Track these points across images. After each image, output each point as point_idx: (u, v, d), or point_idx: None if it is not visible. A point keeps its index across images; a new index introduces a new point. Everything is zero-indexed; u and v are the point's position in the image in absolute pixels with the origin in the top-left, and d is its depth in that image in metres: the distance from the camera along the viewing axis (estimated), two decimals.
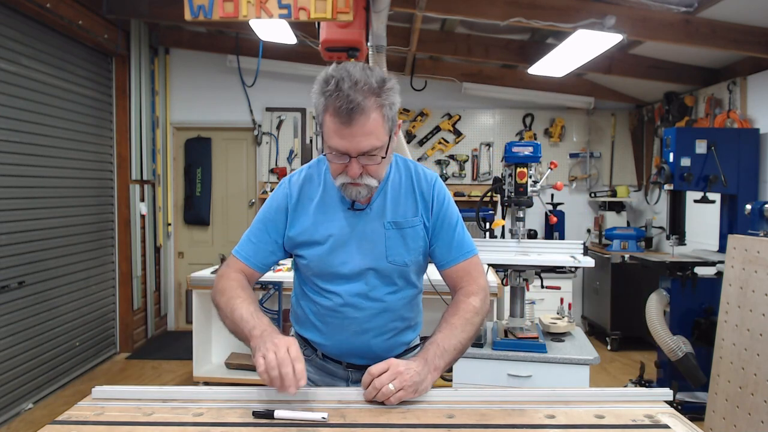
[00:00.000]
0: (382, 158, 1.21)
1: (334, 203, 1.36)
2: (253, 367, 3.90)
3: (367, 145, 1.17)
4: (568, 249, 2.54)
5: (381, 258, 1.33)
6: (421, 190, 1.38)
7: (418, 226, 1.36)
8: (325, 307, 1.38)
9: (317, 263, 1.35)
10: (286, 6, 2.58)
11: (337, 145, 1.18)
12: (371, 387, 1.11)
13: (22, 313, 3.60)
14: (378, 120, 1.17)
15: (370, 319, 1.36)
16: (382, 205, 1.35)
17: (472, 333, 1.29)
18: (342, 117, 1.14)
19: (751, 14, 3.44)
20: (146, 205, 5.15)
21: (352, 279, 1.34)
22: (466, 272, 1.38)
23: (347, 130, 1.15)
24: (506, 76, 5.38)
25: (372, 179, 1.24)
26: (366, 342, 1.38)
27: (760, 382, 2.40)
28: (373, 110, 1.16)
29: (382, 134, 1.19)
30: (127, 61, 4.84)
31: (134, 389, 1.19)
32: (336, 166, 1.23)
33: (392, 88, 1.20)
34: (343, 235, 1.34)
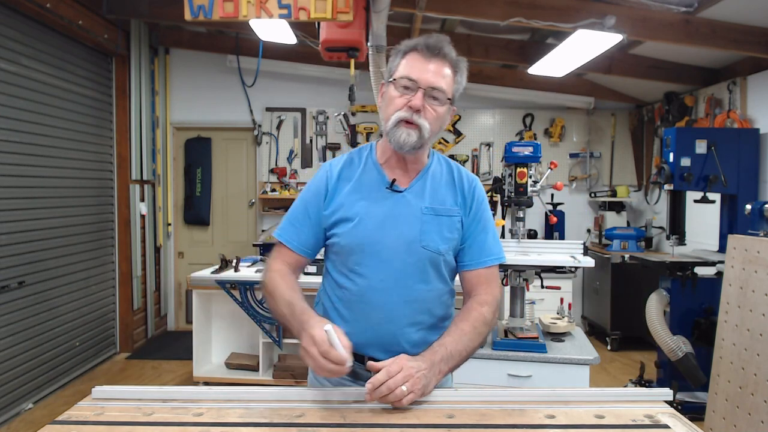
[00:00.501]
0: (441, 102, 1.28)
1: (372, 183, 1.37)
2: (253, 367, 3.88)
3: (438, 82, 1.27)
4: (568, 249, 2.54)
5: (415, 242, 1.32)
6: (462, 186, 1.40)
7: (455, 217, 1.36)
8: (352, 291, 1.35)
9: (349, 240, 1.33)
10: (286, 6, 2.58)
11: (412, 73, 1.27)
12: (384, 386, 1.09)
13: (22, 313, 3.60)
14: (451, 75, 1.30)
15: (397, 307, 1.33)
16: (422, 189, 1.36)
17: (478, 343, 1.29)
18: (425, 52, 1.27)
19: (751, 14, 3.44)
20: (146, 205, 5.15)
21: (383, 261, 1.32)
22: (486, 280, 1.38)
23: (426, 63, 1.27)
24: (506, 76, 5.37)
25: (426, 122, 1.28)
26: (391, 332, 1.33)
27: (760, 382, 2.40)
28: (449, 65, 1.30)
29: (449, 88, 1.30)
30: (127, 61, 4.84)
31: (134, 389, 1.19)
32: (399, 101, 1.28)
33: (464, 68, 1.34)
34: (378, 214, 1.33)
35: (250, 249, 5.34)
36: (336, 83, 5.46)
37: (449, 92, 1.30)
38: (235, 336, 4.18)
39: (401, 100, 1.28)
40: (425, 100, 1.27)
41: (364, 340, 1.36)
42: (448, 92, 1.29)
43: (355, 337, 1.35)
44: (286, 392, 1.18)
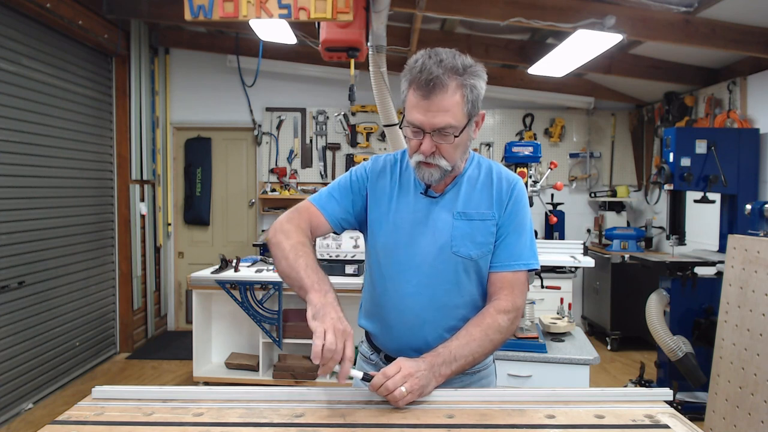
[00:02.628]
0: (455, 137, 1.22)
1: (408, 188, 1.36)
2: (253, 367, 3.88)
3: (441, 122, 1.20)
4: (568, 249, 2.54)
5: (446, 248, 1.31)
6: (499, 188, 1.35)
7: (489, 221, 1.32)
8: (385, 296, 1.35)
9: (383, 245, 1.35)
10: (286, 6, 2.58)
11: (414, 119, 1.21)
12: (383, 387, 1.10)
13: (22, 313, 3.60)
14: (457, 99, 1.20)
15: (428, 313, 1.31)
16: (455, 195, 1.34)
17: (488, 350, 1.27)
18: (422, 90, 1.19)
19: (751, 14, 3.44)
20: (146, 205, 5.15)
21: (414, 267, 1.32)
22: (510, 285, 1.33)
23: (425, 103, 1.19)
24: (506, 76, 5.37)
25: (444, 161, 1.24)
26: (423, 338, 1.32)
27: (760, 382, 2.40)
28: (452, 88, 1.19)
29: (459, 114, 1.21)
30: (127, 61, 4.84)
31: (134, 389, 1.19)
32: (412, 143, 1.26)
33: (477, 73, 1.22)
34: (411, 219, 1.33)
35: (250, 249, 5.34)
36: (336, 83, 5.45)
37: (458, 121, 1.21)
38: (235, 336, 4.18)
39: (414, 142, 1.25)
40: (435, 139, 1.22)
41: (398, 345, 1.36)
42: (457, 122, 1.21)
43: (390, 341, 1.38)
44: (286, 392, 1.18)
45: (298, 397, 1.15)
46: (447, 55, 1.20)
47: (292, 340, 3.85)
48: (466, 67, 1.21)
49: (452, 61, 1.19)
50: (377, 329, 1.41)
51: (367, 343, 1.48)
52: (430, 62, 1.18)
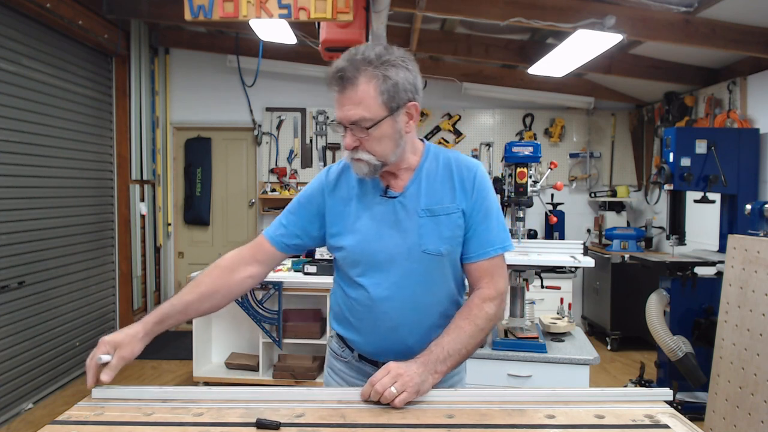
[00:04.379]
0: (370, 130, 1.20)
1: (368, 192, 1.34)
2: (253, 367, 3.88)
3: (354, 115, 1.19)
4: (568, 249, 2.54)
5: (415, 247, 1.29)
6: (461, 177, 1.33)
7: (454, 214, 1.30)
8: (358, 301, 1.33)
9: (349, 253, 1.33)
10: (286, 6, 2.58)
11: (336, 115, 1.23)
12: (373, 391, 1.10)
13: (22, 313, 3.60)
14: (368, 91, 1.18)
15: (405, 315, 1.30)
16: (417, 192, 1.32)
17: (479, 339, 1.27)
18: (335, 86, 1.20)
19: (751, 14, 3.44)
20: (146, 205, 5.15)
21: (385, 269, 1.30)
22: (488, 273, 1.33)
23: (339, 98, 1.21)
24: (506, 76, 5.38)
25: (368, 154, 1.23)
26: (401, 339, 1.32)
27: (760, 382, 2.40)
28: (363, 81, 1.18)
29: (373, 106, 1.19)
30: (127, 61, 4.84)
31: (134, 389, 1.19)
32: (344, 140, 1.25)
33: (393, 62, 1.20)
34: (376, 223, 1.31)
35: None
36: None
37: (373, 113, 1.19)
38: (235, 336, 4.18)
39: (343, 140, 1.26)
40: (356, 133, 1.22)
41: (376, 349, 1.36)
42: (372, 114, 1.19)
43: (367, 345, 1.37)
44: (286, 392, 1.18)
45: (298, 397, 1.15)
46: (364, 49, 1.21)
47: (292, 340, 3.84)
48: (381, 56, 1.18)
49: (367, 54, 1.18)
50: (352, 336, 1.38)
51: (338, 340, 1.45)
52: (343, 58, 1.20)
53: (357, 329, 1.36)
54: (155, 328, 1.25)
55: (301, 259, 3.92)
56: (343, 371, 1.45)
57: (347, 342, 1.42)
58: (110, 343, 1.18)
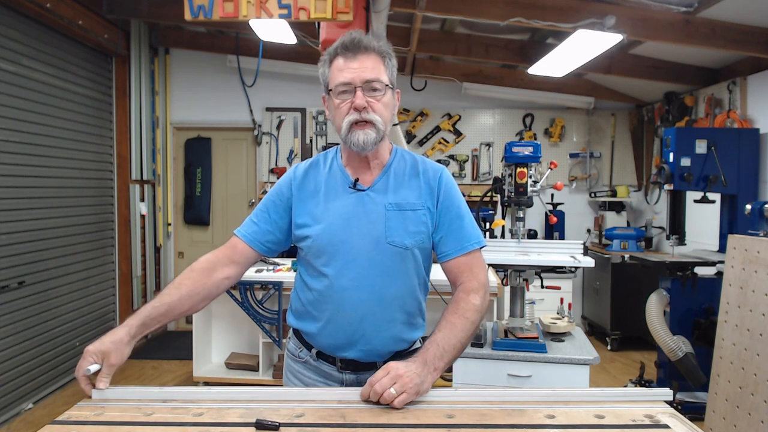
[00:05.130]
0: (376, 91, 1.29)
1: (336, 185, 1.38)
2: (253, 367, 3.87)
3: (370, 75, 1.28)
4: (568, 249, 2.54)
5: (381, 239, 1.32)
6: (426, 178, 1.39)
7: (420, 211, 1.35)
8: (321, 292, 1.35)
9: (316, 242, 1.35)
10: (286, 6, 2.58)
11: (343, 78, 1.28)
12: (372, 392, 1.11)
13: (22, 313, 3.60)
14: (379, 63, 1.31)
15: (368, 305, 1.33)
16: (384, 187, 1.37)
17: (471, 331, 1.29)
18: (349, 52, 1.29)
19: (751, 14, 3.44)
20: (146, 205, 5.15)
21: (350, 259, 1.33)
22: (468, 267, 1.36)
23: (353, 63, 1.28)
24: (506, 76, 5.37)
25: (376, 116, 1.29)
26: (362, 331, 1.34)
27: (760, 382, 2.40)
28: (375, 53, 1.31)
29: (383, 74, 1.31)
30: (127, 61, 4.84)
31: (134, 389, 1.19)
32: (343, 106, 1.30)
33: (391, 52, 1.35)
34: (344, 214, 1.34)
35: None
36: None
37: (386, 79, 1.31)
38: (235, 336, 4.18)
39: (345, 105, 1.29)
40: (366, 95, 1.28)
41: (337, 341, 1.37)
42: (385, 79, 1.31)
43: (327, 338, 1.38)
44: (286, 392, 1.18)
45: (298, 397, 1.15)
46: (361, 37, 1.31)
47: None
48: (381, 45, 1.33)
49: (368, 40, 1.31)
50: (311, 327, 1.40)
51: (296, 340, 1.47)
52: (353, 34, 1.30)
53: (317, 321, 1.38)
54: (139, 330, 1.25)
55: None
56: (301, 372, 1.46)
57: (305, 340, 1.44)
58: (96, 353, 1.19)
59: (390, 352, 1.37)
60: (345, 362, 1.39)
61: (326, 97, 1.37)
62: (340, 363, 1.39)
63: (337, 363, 1.39)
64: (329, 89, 1.33)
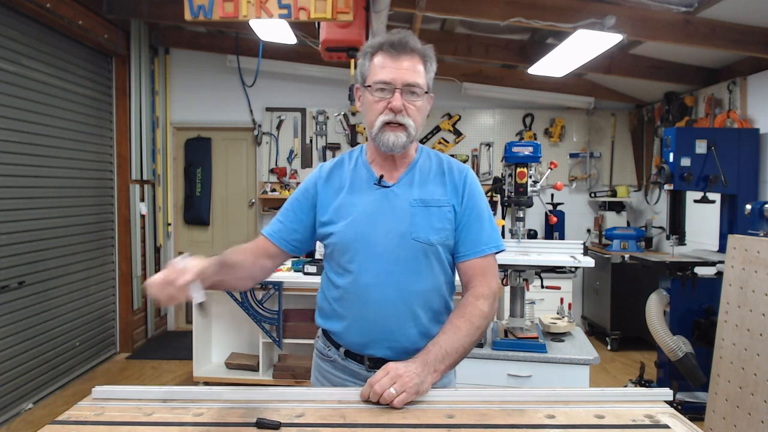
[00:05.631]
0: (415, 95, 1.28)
1: (361, 182, 1.38)
2: (253, 367, 3.87)
3: (412, 78, 1.28)
4: (568, 249, 2.54)
5: (406, 235, 1.31)
6: (452, 177, 1.39)
7: (445, 207, 1.35)
8: (347, 289, 1.34)
9: (341, 238, 1.34)
10: (286, 6, 2.58)
11: (384, 77, 1.28)
12: (372, 392, 1.11)
13: (22, 313, 3.60)
14: (421, 65, 1.31)
15: (393, 302, 1.31)
16: (410, 183, 1.37)
17: (476, 337, 1.28)
18: (393, 50, 1.28)
19: (751, 14, 3.44)
20: (146, 205, 5.15)
21: (376, 257, 1.32)
22: (482, 271, 1.36)
23: (395, 62, 1.28)
24: (506, 76, 5.38)
25: (410, 120, 1.29)
26: (389, 328, 1.32)
27: (760, 382, 2.40)
28: (418, 56, 1.31)
29: (423, 79, 1.31)
30: (127, 61, 4.84)
31: (134, 389, 1.19)
32: (378, 105, 1.29)
33: (433, 57, 1.35)
34: (368, 210, 1.34)
35: None
36: (336, 83, 5.45)
37: (424, 84, 1.30)
38: (235, 336, 4.18)
39: (381, 104, 1.29)
40: (404, 98, 1.28)
41: (364, 339, 1.35)
42: (424, 85, 1.30)
43: (354, 336, 1.36)
44: (286, 392, 1.18)
45: (298, 397, 1.15)
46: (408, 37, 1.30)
47: (292, 340, 3.84)
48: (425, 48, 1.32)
49: (414, 42, 1.31)
50: (338, 326, 1.39)
51: (324, 339, 1.47)
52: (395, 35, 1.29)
53: (343, 319, 1.37)
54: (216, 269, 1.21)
55: (301, 259, 3.92)
56: (329, 371, 1.45)
57: (333, 338, 1.42)
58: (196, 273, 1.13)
59: (418, 349, 1.28)
60: (373, 360, 1.36)
61: (360, 89, 1.36)
62: (369, 361, 1.37)
63: (366, 361, 1.37)
64: (366, 84, 1.32)
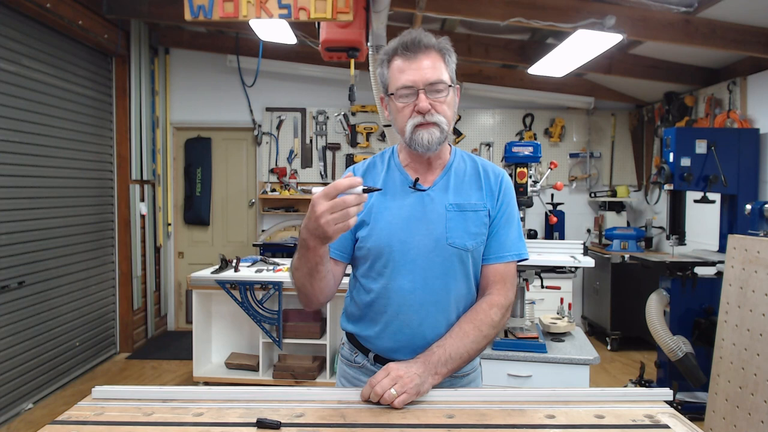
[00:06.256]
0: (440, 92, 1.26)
1: (395, 185, 1.35)
2: (253, 367, 3.86)
3: (433, 76, 1.25)
4: (568, 249, 2.54)
5: (441, 240, 1.29)
6: (488, 180, 1.37)
7: (481, 212, 1.33)
8: (380, 294, 1.31)
9: (375, 243, 1.31)
10: (286, 6, 2.58)
11: (405, 81, 1.26)
12: (373, 393, 1.10)
13: (22, 313, 3.60)
14: (440, 60, 1.28)
15: (427, 307, 1.29)
16: (445, 187, 1.34)
17: (482, 345, 1.27)
18: (409, 52, 1.26)
19: (751, 14, 3.44)
20: (146, 205, 5.15)
21: (410, 262, 1.29)
22: (502, 279, 1.34)
23: (414, 64, 1.26)
24: (506, 76, 5.37)
25: (441, 117, 1.27)
26: (422, 334, 1.29)
27: (760, 382, 2.40)
28: (435, 51, 1.28)
29: (444, 73, 1.28)
30: (127, 61, 4.84)
31: (134, 389, 1.18)
32: (405, 110, 1.27)
33: (451, 48, 1.33)
34: (404, 214, 1.31)
35: (250, 249, 5.34)
36: (336, 83, 5.45)
37: (447, 78, 1.28)
38: (235, 336, 4.18)
39: (408, 108, 1.26)
40: (429, 97, 1.25)
41: (395, 344, 1.32)
42: (446, 79, 1.28)
43: (386, 341, 1.33)
44: (286, 392, 1.18)
45: (298, 397, 1.15)
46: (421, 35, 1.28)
47: (292, 340, 3.85)
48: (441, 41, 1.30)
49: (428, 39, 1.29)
50: (368, 331, 1.36)
51: (350, 344, 1.43)
52: (413, 32, 1.27)
53: (375, 324, 1.33)
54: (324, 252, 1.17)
55: None
56: (357, 378, 1.41)
57: (361, 344, 1.39)
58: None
59: None
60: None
61: (385, 99, 1.34)
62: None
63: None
64: (389, 92, 1.30)
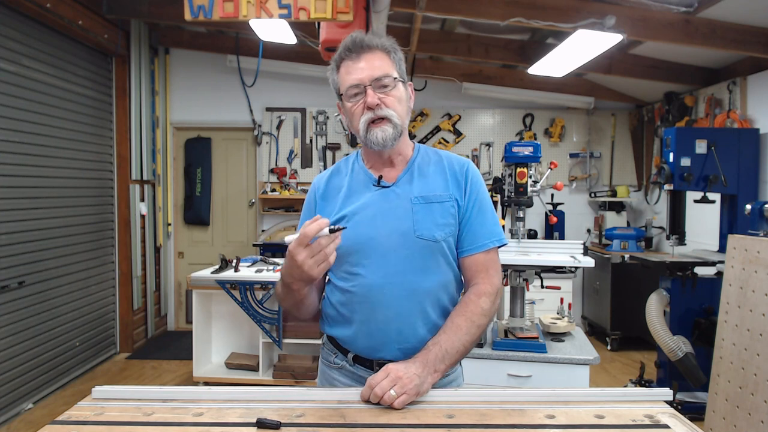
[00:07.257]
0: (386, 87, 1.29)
1: (360, 185, 1.38)
2: (253, 366, 3.87)
3: (378, 71, 1.28)
4: (568, 249, 2.54)
5: (409, 233, 1.30)
6: (453, 171, 1.38)
7: (447, 203, 1.34)
8: (353, 292, 1.32)
9: (345, 242, 1.29)
10: (286, 6, 2.58)
11: (352, 80, 1.29)
12: (372, 395, 1.10)
13: (22, 313, 3.60)
14: (385, 59, 1.31)
15: (401, 302, 1.29)
16: (409, 181, 1.36)
17: (476, 335, 1.27)
18: (353, 53, 1.30)
19: (751, 14, 3.44)
20: (146, 205, 5.15)
21: (381, 257, 1.30)
22: (484, 267, 1.35)
23: (359, 64, 1.29)
24: (506, 76, 5.38)
25: (391, 111, 1.29)
26: (398, 329, 1.30)
27: (760, 382, 2.40)
28: (380, 49, 1.31)
29: (391, 69, 1.31)
30: (127, 61, 4.84)
31: (134, 389, 1.18)
32: (357, 108, 1.30)
33: (396, 46, 1.35)
34: (370, 211, 1.33)
35: (250, 249, 5.34)
36: None
37: (394, 73, 1.31)
38: (235, 336, 4.18)
39: (359, 107, 1.30)
40: (377, 92, 1.28)
41: (374, 342, 1.33)
42: (393, 73, 1.30)
43: (364, 339, 1.34)
44: (286, 392, 1.18)
45: (298, 397, 1.15)
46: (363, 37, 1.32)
47: (292, 340, 3.85)
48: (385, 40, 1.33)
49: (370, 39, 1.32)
50: (346, 332, 1.36)
51: (330, 345, 1.44)
52: (354, 34, 1.31)
53: (351, 323, 1.34)
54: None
55: None
56: (336, 379, 1.42)
57: (340, 344, 1.40)
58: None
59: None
60: (382, 365, 1.30)
61: (340, 104, 1.37)
62: (378, 366, 1.32)
63: (375, 366, 1.34)
64: (340, 94, 1.33)
